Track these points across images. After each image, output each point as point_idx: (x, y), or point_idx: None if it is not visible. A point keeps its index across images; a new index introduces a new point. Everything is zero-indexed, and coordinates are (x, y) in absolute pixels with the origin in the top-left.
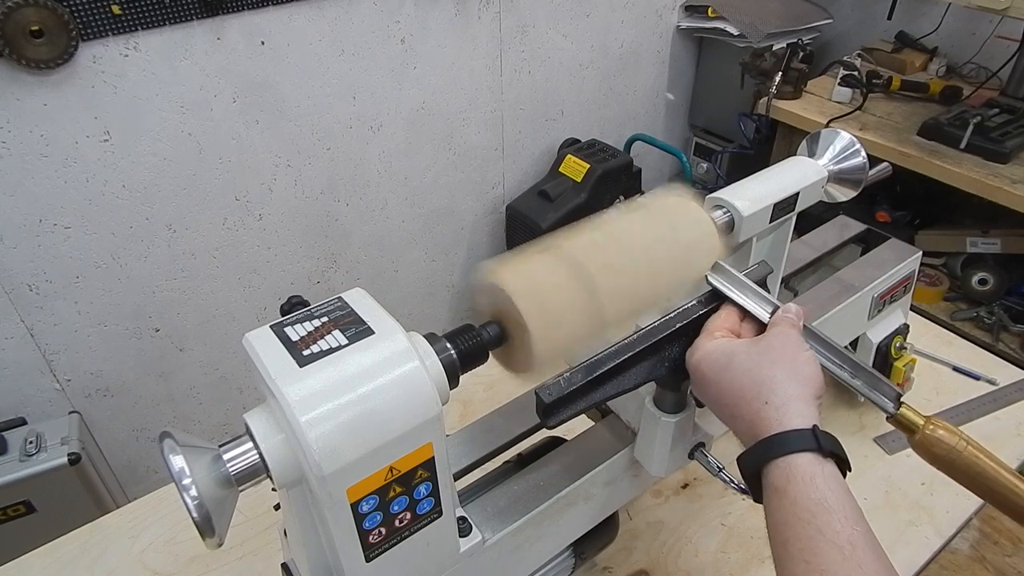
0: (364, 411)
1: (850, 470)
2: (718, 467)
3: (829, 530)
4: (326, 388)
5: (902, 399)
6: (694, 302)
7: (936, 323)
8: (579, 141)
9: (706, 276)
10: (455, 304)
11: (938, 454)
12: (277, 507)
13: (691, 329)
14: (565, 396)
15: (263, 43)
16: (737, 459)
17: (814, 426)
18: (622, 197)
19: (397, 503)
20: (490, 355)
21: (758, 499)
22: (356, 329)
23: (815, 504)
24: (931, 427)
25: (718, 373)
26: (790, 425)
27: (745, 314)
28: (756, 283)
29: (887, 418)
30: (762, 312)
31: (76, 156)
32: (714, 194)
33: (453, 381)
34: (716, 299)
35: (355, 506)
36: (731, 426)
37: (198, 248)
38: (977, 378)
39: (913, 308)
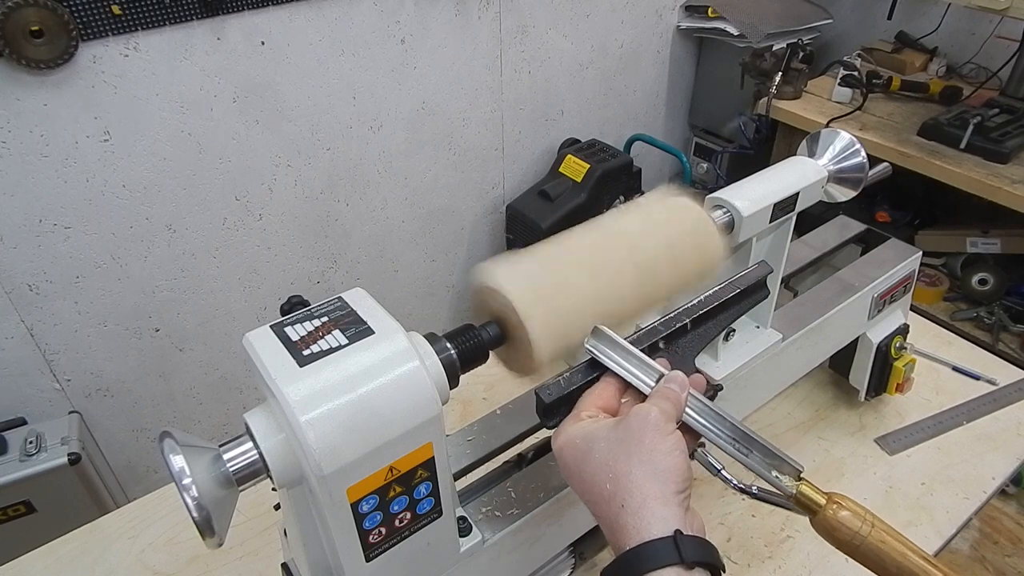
0: (364, 411)
1: (724, 573)
2: (718, 467)
3: None
4: (326, 388)
5: (802, 476)
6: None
7: (936, 323)
8: (579, 141)
9: (584, 342)
10: (455, 304)
11: (840, 539)
12: (277, 507)
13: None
14: (565, 396)
15: (263, 43)
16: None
17: (676, 532)
18: (622, 197)
19: (397, 503)
20: (490, 355)
21: None
22: (356, 329)
23: None
24: (833, 507)
25: (579, 464)
26: (648, 534)
27: (627, 386)
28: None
29: (787, 496)
30: (645, 383)
31: (76, 156)
32: (714, 194)
33: (453, 381)
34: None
35: (355, 506)
36: (601, 526)
37: (198, 248)
38: (977, 378)
39: (913, 308)
